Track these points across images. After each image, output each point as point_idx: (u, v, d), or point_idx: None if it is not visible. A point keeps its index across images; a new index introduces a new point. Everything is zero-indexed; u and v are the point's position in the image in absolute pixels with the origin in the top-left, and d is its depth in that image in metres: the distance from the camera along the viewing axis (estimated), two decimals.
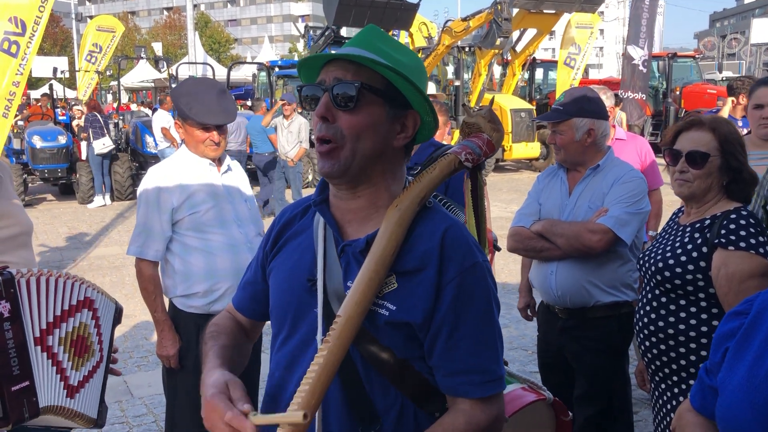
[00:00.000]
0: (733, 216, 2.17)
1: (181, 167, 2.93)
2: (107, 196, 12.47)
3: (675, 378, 2.27)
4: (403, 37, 17.26)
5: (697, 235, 2.24)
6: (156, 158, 11.96)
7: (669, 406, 2.30)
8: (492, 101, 1.74)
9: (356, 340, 1.32)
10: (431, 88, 8.52)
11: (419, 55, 16.36)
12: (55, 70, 17.23)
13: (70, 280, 1.95)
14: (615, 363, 2.86)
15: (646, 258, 2.40)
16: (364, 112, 1.33)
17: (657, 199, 4.10)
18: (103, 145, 11.98)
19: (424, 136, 1.45)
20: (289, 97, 10.32)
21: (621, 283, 2.80)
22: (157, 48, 32.58)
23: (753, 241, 2.11)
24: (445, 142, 3.59)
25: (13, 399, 1.77)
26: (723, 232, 2.15)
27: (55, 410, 1.93)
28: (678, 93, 18.27)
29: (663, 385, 2.33)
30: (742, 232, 2.13)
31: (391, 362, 1.35)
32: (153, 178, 2.92)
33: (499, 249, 3.56)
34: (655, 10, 11.55)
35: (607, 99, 4.04)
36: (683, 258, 2.23)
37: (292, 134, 10.08)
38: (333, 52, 1.47)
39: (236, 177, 3.07)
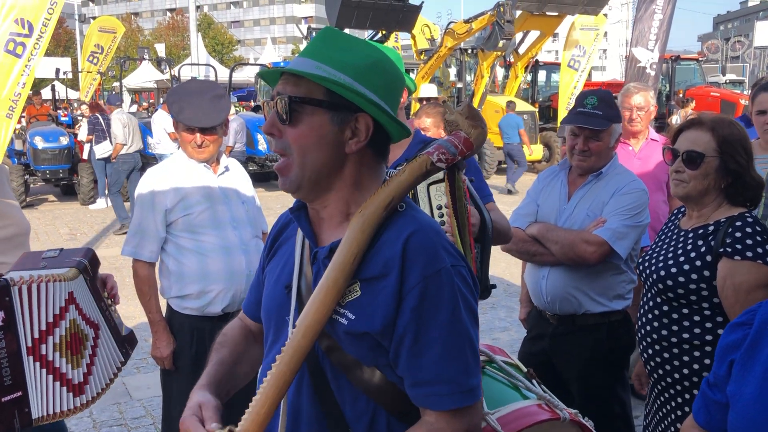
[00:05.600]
0: (738, 223, 2.11)
1: (176, 169, 2.93)
2: (109, 199, 12.45)
3: (678, 387, 2.22)
4: (392, 41, 17.22)
5: (700, 242, 2.17)
6: (157, 160, 11.97)
7: (673, 416, 2.25)
8: (471, 98, 1.68)
9: (326, 348, 1.33)
10: (432, 90, 8.47)
11: (421, 57, 16.43)
12: (57, 71, 17.27)
13: (55, 282, 1.93)
14: (605, 371, 2.77)
15: (647, 264, 2.34)
16: (304, 124, 1.32)
17: (677, 205, 4.02)
18: (104, 150, 11.97)
19: (395, 136, 1.40)
20: (113, 99, 11.01)
21: (613, 293, 2.74)
22: (160, 49, 32.60)
23: (760, 250, 2.05)
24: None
25: (3, 410, 1.75)
26: (728, 240, 2.08)
27: (60, 416, 1.91)
28: (681, 95, 18.25)
29: (666, 395, 2.28)
30: (749, 241, 2.06)
31: (359, 371, 1.32)
32: (148, 180, 2.93)
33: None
34: (671, 11, 11.29)
35: (652, 98, 3.89)
36: (686, 266, 2.17)
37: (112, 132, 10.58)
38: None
39: (234, 178, 3.05)
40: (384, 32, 15.10)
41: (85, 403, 1.98)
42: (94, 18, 32.80)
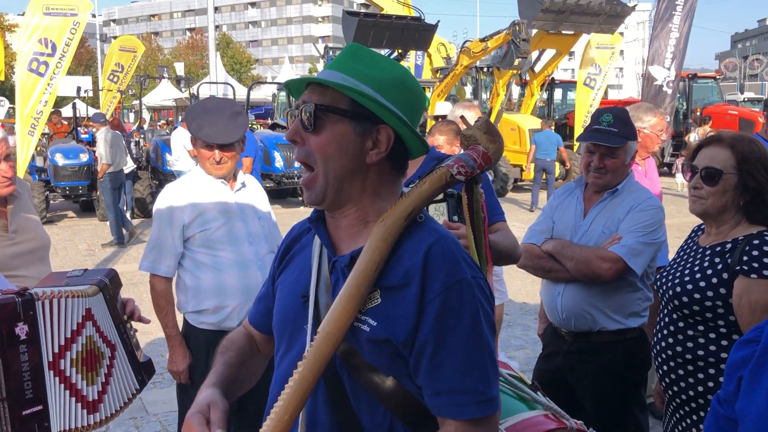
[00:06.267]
0: (756, 241, 2.09)
1: (194, 185, 2.97)
2: (127, 214, 12.58)
3: (693, 404, 2.21)
4: (413, 59, 17.28)
5: (717, 259, 2.16)
6: (176, 176, 12.08)
7: None
8: (490, 113, 1.68)
9: (343, 356, 1.33)
10: (447, 108, 8.51)
11: (436, 75, 16.47)
12: (78, 89, 17.52)
13: (74, 298, 1.95)
14: (621, 389, 2.75)
15: (664, 280, 2.34)
16: (327, 132, 1.35)
17: None
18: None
19: (414, 151, 1.44)
20: (96, 117, 11.04)
21: (628, 311, 2.72)
22: (179, 68, 32.99)
23: None
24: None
25: (24, 423, 1.77)
26: (745, 258, 2.07)
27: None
28: (699, 114, 18.17)
29: (681, 411, 2.26)
30: (766, 260, 2.04)
31: (377, 380, 1.33)
32: (166, 196, 2.97)
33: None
34: (687, 29, 11.20)
35: (661, 120, 3.82)
36: (702, 283, 2.16)
37: (98, 151, 10.53)
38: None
39: (251, 194, 3.09)
40: (400, 51, 15.21)
41: (99, 422, 1.99)
42: (115, 37, 33.39)
